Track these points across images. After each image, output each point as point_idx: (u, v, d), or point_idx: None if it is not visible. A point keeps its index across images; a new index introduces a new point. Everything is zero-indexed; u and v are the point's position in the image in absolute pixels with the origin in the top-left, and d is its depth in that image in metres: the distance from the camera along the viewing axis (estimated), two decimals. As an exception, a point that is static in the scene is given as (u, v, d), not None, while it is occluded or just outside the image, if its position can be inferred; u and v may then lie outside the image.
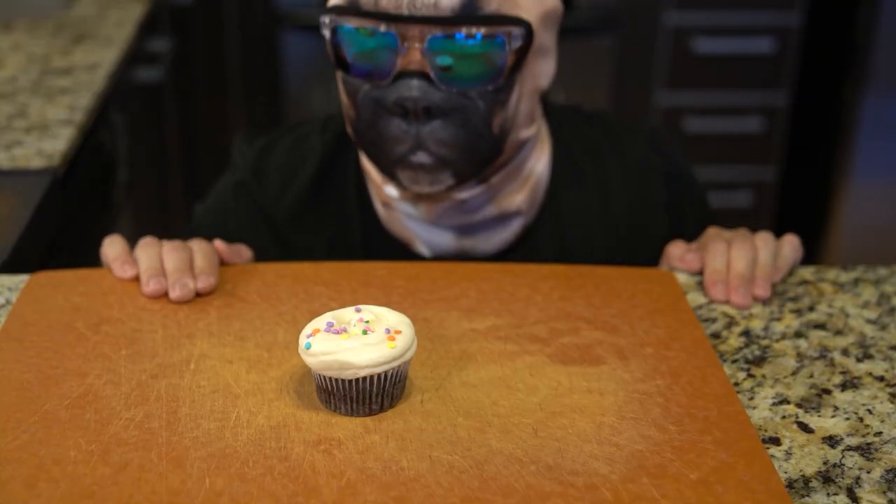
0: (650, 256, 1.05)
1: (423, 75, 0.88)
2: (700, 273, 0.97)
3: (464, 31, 0.87)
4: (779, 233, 1.01)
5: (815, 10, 2.49)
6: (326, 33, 0.92)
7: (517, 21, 0.88)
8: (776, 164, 2.62)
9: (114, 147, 1.68)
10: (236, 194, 1.07)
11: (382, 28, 0.88)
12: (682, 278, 0.97)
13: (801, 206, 2.63)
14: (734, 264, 0.95)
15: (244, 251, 1.01)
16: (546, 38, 0.95)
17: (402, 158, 0.92)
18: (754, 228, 1.00)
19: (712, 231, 1.01)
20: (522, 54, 0.90)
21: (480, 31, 0.87)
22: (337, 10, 0.91)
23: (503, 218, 1.02)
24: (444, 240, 1.02)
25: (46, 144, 1.32)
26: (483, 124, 0.91)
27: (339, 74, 0.94)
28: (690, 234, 1.06)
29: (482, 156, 0.93)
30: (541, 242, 1.04)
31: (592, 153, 1.06)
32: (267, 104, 2.66)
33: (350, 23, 0.89)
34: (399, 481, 0.67)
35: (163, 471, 0.68)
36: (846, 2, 2.40)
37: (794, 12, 2.47)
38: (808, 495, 0.69)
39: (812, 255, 2.46)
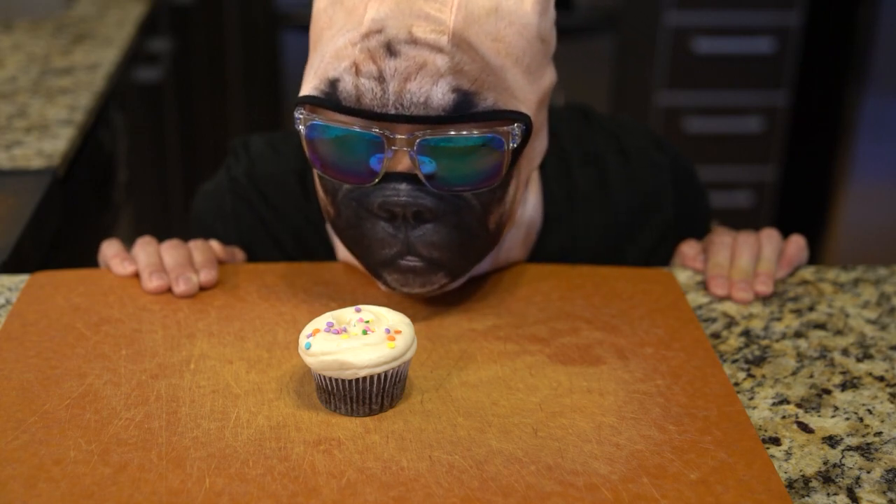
0: (659, 255, 1.04)
1: (411, 178, 0.80)
2: None
3: (456, 131, 0.78)
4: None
5: (815, 10, 2.49)
6: (301, 129, 0.82)
7: (516, 116, 0.80)
8: (776, 164, 2.62)
9: (114, 147, 1.68)
10: (233, 194, 1.05)
11: (365, 129, 0.79)
12: (682, 278, 0.97)
13: (801, 206, 2.63)
14: (737, 260, 0.95)
15: (238, 253, 1.02)
16: (541, 118, 0.88)
17: (389, 261, 0.83)
18: (754, 228, 1.00)
19: (719, 229, 1.01)
20: (521, 147, 0.82)
21: (475, 132, 0.78)
22: (312, 102, 0.81)
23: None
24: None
25: (46, 144, 1.32)
26: (478, 224, 0.83)
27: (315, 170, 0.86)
28: (696, 231, 1.06)
29: (477, 254, 0.86)
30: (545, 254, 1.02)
31: (588, 160, 1.05)
32: (267, 104, 2.66)
33: (328, 120, 0.80)
34: (399, 481, 0.67)
35: (163, 471, 0.68)
36: (846, 2, 2.40)
37: (794, 12, 2.47)
38: (808, 495, 0.69)
39: (812, 255, 2.45)
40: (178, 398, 0.76)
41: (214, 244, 0.97)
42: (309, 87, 0.82)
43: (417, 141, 0.78)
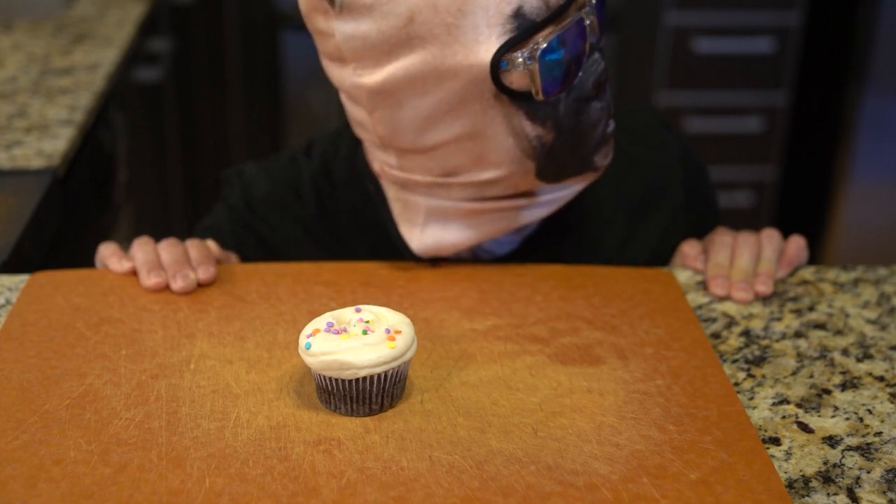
0: (668, 237, 1.03)
1: (596, 43, 0.85)
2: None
3: None
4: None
5: (815, 10, 2.49)
6: (529, 66, 0.81)
7: None
8: (776, 164, 2.62)
9: (114, 147, 1.68)
10: (231, 220, 1.06)
11: (567, 17, 0.82)
12: (682, 278, 0.97)
13: (801, 206, 2.63)
14: (737, 260, 0.95)
15: (233, 257, 1.02)
16: None
17: (601, 138, 0.88)
18: (754, 228, 1.01)
19: (720, 229, 1.01)
20: None
21: None
22: (515, 42, 0.81)
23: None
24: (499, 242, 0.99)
25: (46, 144, 1.32)
26: (606, 75, 0.89)
27: (518, 113, 0.84)
28: (703, 213, 1.05)
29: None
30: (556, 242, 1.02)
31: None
32: (267, 104, 2.66)
33: (550, 39, 0.81)
34: (399, 481, 0.67)
35: (163, 471, 0.68)
36: (846, 2, 2.40)
37: (794, 12, 2.47)
38: (808, 495, 0.69)
39: (812, 255, 2.45)
40: (178, 398, 0.76)
41: (211, 243, 0.97)
42: (491, 41, 0.81)
43: (593, 1, 0.84)
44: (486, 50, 0.81)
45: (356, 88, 0.86)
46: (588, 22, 0.84)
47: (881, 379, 0.83)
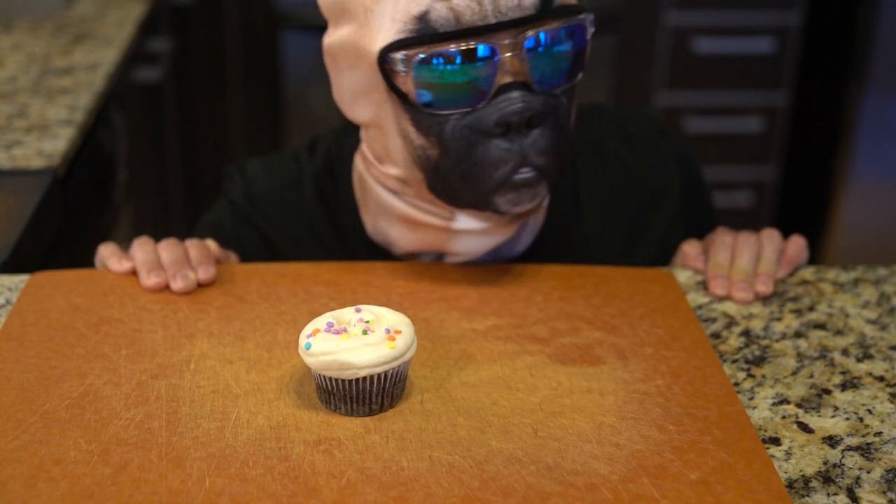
0: (668, 244, 1.03)
1: (518, 85, 0.81)
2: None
3: (551, 26, 0.81)
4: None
5: (815, 10, 2.49)
6: (402, 70, 0.81)
7: (582, 8, 0.84)
8: (776, 164, 2.62)
9: (114, 147, 1.68)
10: (233, 216, 1.06)
11: (474, 43, 0.80)
12: (682, 278, 0.97)
13: (801, 206, 2.63)
14: (737, 259, 0.95)
15: (232, 256, 1.02)
16: None
17: (504, 181, 0.84)
18: (754, 228, 1.01)
19: (720, 229, 1.01)
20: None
21: (563, 23, 0.82)
22: (407, 43, 0.80)
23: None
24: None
25: (46, 144, 1.32)
26: (567, 122, 0.86)
27: (404, 116, 0.85)
28: (701, 216, 1.05)
29: (567, 158, 0.87)
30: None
31: (593, 152, 1.05)
32: (267, 104, 2.66)
33: (432, 52, 0.80)
34: (399, 481, 0.67)
35: (163, 471, 0.68)
36: (846, 2, 2.40)
37: (794, 12, 2.47)
38: (808, 495, 0.69)
39: (812, 255, 2.45)
40: (178, 398, 0.76)
41: (210, 243, 0.97)
42: (388, 35, 0.82)
43: (523, 42, 0.80)
44: (381, 41, 0.82)
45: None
46: (502, 59, 0.81)
47: (881, 379, 0.83)
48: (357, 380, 0.72)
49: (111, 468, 0.68)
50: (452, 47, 0.80)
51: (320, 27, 0.90)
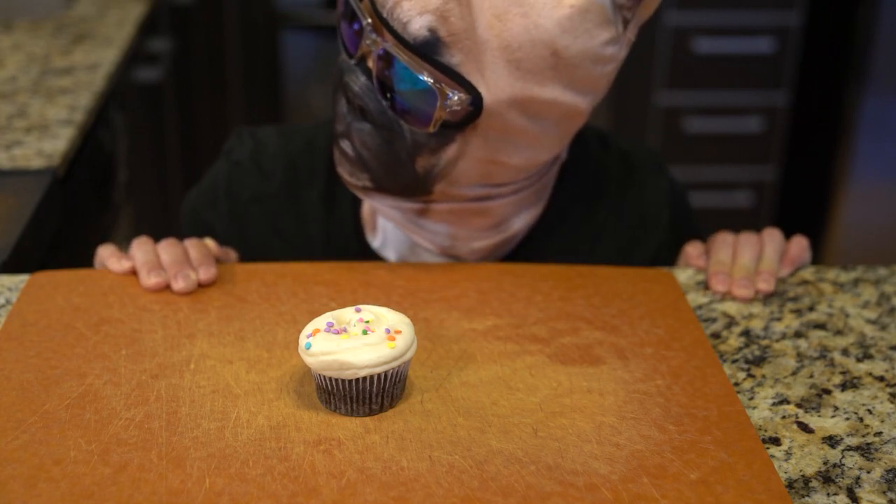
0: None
1: (375, 78, 0.86)
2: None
3: (406, 61, 0.83)
4: (779, 233, 1.01)
5: (815, 10, 2.49)
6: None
7: (466, 86, 0.83)
8: (776, 164, 2.62)
9: (114, 147, 1.68)
10: (230, 176, 1.06)
11: (361, 15, 0.86)
12: (682, 278, 0.97)
13: (801, 206, 2.63)
14: (738, 257, 0.95)
15: (231, 253, 1.02)
16: (523, 123, 0.86)
17: (336, 137, 0.91)
18: (754, 228, 1.01)
19: (721, 231, 1.01)
20: (464, 120, 0.85)
21: (423, 73, 0.83)
22: None
23: (457, 256, 0.99)
24: (396, 245, 1.00)
25: (46, 144, 1.32)
26: (406, 156, 0.87)
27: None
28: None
29: (403, 182, 0.89)
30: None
31: (601, 187, 1.04)
32: (267, 104, 2.66)
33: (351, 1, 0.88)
34: (399, 481, 0.67)
35: (163, 471, 0.68)
36: (846, 2, 2.40)
37: (794, 12, 2.47)
38: (808, 495, 0.69)
39: (812, 255, 2.45)
40: (178, 398, 0.76)
41: (210, 242, 0.97)
42: None
43: (383, 46, 0.85)
44: None
45: None
46: (366, 41, 0.86)
47: (881, 379, 0.83)
48: (357, 380, 0.72)
49: (111, 468, 0.68)
50: (355, 3, 0.87)
51: (320, 27, 0.91)
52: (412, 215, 0.95)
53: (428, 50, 0.83)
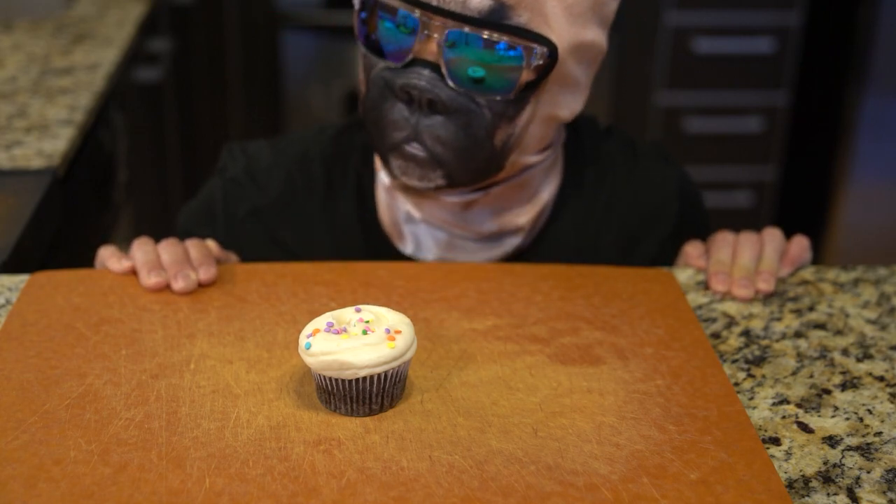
0: (657, 263, 1.04)
1: (435, 67, 0.86)
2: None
3: (485, 34, 0.84)
4: (779, 233, 1.01)
5: (815, 10, 2.49)
6: (356, 3, 0.90)
7: (542, 40, 0.86)
8: (776, 164, 2.62)
9: (114, 147, 1.68)
10: (225, 193, 1.06)
11: (407, 11, 0.86)
12: (682, 278, 0.97)
13: (801, 206, 2.63)
14: (738, 257, 0.95)
15: (232, 256, 1.02)
16: (575, 71, 0.91)
17: (397, 145, 0.90)
18: (754, 228, 1.01)
19: (721, 231, 1.01)
20: (542, 75, 0.87)
21: (503, 40, 0.85)
22: None
23: (499, 236, 1.00)
24: (432, 247, 1.00)
25: (46, 144, 1.32)
26: (485, 134, 0.88)
27: (360, 47, 0.93)
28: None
29: (478, 165, 0.90)
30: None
31: (605, 171, 1.05)
32: (267, 104, 2.66)
33: (379, 2, 0.88)
34: (399, 481, 0.67)
35: (163, 471, 0.68)
36: (846, 2, 2.40)
37: (794, 12, 2.47)
38: (808, 495, 0.69)
39: (812, 255, 2.45)
40: (178, 398, 0.76)
41: (210, 243, 0.97)
42: None
43: (447, 31, 0.85)
44: None
45: None
46: (423, 35, 0.86)
47: (881, 379, 0.83)
48: (357, 380, 0.72)
49: (111, 468, 0.68)
50: (387, 6, 0.87)
51: (320, 27, 0.91)
52: (458, 210, 0.97)
53: (497, 17, 0.84)
